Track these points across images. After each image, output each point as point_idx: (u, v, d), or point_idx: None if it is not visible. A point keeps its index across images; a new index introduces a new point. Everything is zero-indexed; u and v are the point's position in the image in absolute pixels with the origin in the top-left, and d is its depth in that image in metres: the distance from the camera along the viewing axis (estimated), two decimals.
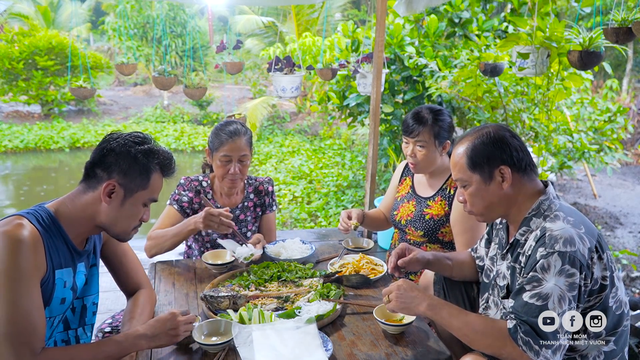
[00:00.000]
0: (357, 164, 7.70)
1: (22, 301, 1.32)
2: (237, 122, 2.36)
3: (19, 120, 11.80)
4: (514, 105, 4.03)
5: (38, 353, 1.32)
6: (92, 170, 1.51)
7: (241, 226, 2.46)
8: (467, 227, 2.24)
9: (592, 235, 1.48)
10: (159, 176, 1.56)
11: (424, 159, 2.32)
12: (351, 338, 1.65)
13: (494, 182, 1.59)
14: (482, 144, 1.60)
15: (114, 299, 3.10)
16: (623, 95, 9.12)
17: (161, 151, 1.57)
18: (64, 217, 1.50)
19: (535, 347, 1.37)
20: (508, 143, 1.59)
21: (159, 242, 2.20)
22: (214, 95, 13.20)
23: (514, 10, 4.82)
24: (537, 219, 1.55)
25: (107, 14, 14.65)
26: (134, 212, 1.55)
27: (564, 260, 1.40)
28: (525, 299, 1.42)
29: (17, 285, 1.32)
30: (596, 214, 5.78)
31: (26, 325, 1.32)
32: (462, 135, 1.70)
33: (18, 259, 1.33)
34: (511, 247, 1.63)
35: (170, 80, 3.95)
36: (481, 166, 1.59)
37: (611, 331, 1.52)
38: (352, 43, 5.07)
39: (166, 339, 1.50)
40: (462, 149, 1.64)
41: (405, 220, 2.42)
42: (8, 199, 7.31)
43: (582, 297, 1.44)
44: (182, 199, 2.35)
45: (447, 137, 2.34)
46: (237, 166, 2.28)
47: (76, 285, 1.57)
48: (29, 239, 1.37)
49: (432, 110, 2.33)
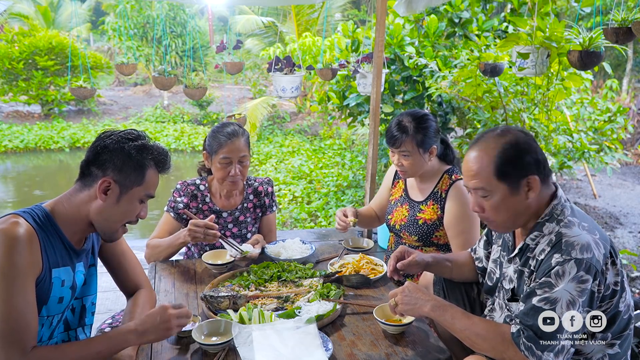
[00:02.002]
0: (357, 164, 7.70)
1: (16, 299, 1.32)
2: (233, 123, 2.35)
3: (19, 120, 11.80)
4: (513, 105, 4.03)
5: (28, 352, 1.32)
6: (87, 168, 1.51)
7: (241, 227, 2.45)
8: (461, 230, 2.23)
9: (606, 240, 1.47)
10: (154, 172, 1.56)
11: (410, 167, 2.30)
12: (351, 338, 1.65)
13: (521, 192, 1.49)
14: (512, 151, 1.47)
15: (113, 299, 3.10)
16: (623, 95, 9.12)
17: (155, 147, 1.57)
18: (61, 216, 1.50)
19: (537, 352, 1.36)
20: (535, 149, 1.49)
21: (154, 252, 2.25)
22: (214, 95, 13.20)
23: (514, 10, 4.82)
24: (550, 224, 1.51)
25: (107, 14, 14.65)
26: (130, 209, 1.54)
27: (580, 267, 1.37)
28: (533, 302, 1.41)
29: (11, 283, 1.32)
30: (596, 214, 5.78)
31: (18, 324, 1.32)
32: (477, 140, 1.57)
33: (13, 256, 1.33)
34: (520, 252, 1.59)
35: (170, 80, 3.95)
36: (510, 175, 1.48)
37: (617, 335, 1.51)
38: (352, 43, 5.07)
39: (157, 333, 1.46)
40: (483, 156, 1.50)
41: (399, 225, 2.42)
42: (8, 199, 7.31)
43: (595, 303, 1.43)
44: (177, 205, 2.33)
45: (433, 142, 2.29)
46: (237, 167, 2.27)
47: (76, 284, 1.56)
48: (25, 237, 1.37)
49: (414, 118, 2.26)
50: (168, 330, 1.47)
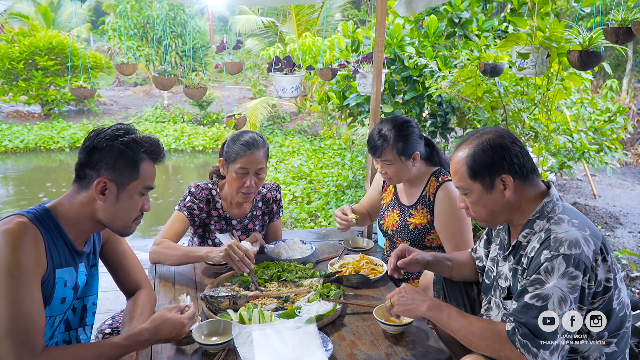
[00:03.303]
0: (357, 164, 7.70)
1: (24, 299, 1.32)
2: (254, 132, 2.30)
3: (19, 120, 11.80)
4: (513, 105, 4.03)
5: (39, 352, 1.32)
6: (81, 171, 1.51)
7: (249, 235, 2.43)
8: (454, 232, 2.23)
9: (597, 237, 1.47)
10: (148, 163, 1.55)
11: (394, 175, 2.28)
12: (351, 338, 1.65)
13: (496, 190, 1.56)
14: (482, 152, 1.55)
15: (114, 299, 3.10)
16: (623, 95, 9.12)
17: (145, 138, 1.55)
18: (63, 217, 1.50)
19: (533, 349, 1.37)
20: (508, 150, 1.54)
21: (165, 254, 2.12)
22: (214, 95, 13.21)
23: (514, 10, 4.81)
24: (540, 221, 1.54)
25: (107, 14, 14.66)
26: (132, 204, 1.54)
27: (569, 263, 1.38)
28: (525, 300, 1.42)
29: (19, 283, 1.32)
30: (596, 214, 5.78)
31: (27, 323, 1.32)
32: (461, 141, 1.66)
33: (20, 256, 1.33)
34: (513, 249, 1.62)
35: (170, 80, 3.95)
36: (482, 175, 1.56)
37: (613, 333, 1.51)
38: (352, 43, 5.06)
39: (170, 338, 1.52)
40: (462, 156, 1.60)
41: (391, 230, 2.41)
42: (8, 199, 7.31)
43: (586, 299, 1.43)
44: (193, 206, 2.30)
45: (415, 148, 2.25)
46: (253, 179, 2.22)
47: (78, 285, 1.57)
48: (30, 238, 1.37)
49: (395, 125, 2.23)
50: (181, 336, 1.54)
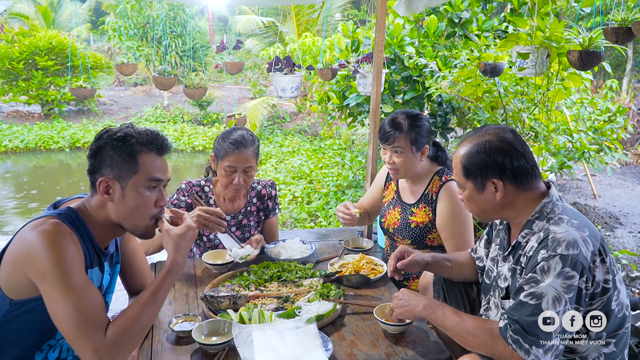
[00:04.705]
0: (357, 164, 7.70)
1: (81, 287, 1.35)
2: (244, 129, 2.30)
3: (19, 120, 11.80)
4: (513, 105, 4.03)
5: (105, 329, 1.35)
6: (91, 176, 1.52)
7: (244, 231, 2.44)
8: (455, 232, 2.23)
9: (596, 238, 1.47)
10: (147, 155, 1.51)
11: (402, 166, 2.27)
12: (351, 338, 1.65)
13: (487, 191, 1.58)
14: (476, 154, 1.57)
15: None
16: (623, 95, 9.12)
17: (138, 130, 1.54)
18: (88, 219, 1.52)
19: (525, 345, 1.37)
20: (506, 154, 1.54)
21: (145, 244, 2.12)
22: (214, 95, 13.21)
23: (514, 10, 4.81)
24: (540, 221, 1.54)
25: (107, 14, 14.65)
26: (141, 200, 1.51)
27: (565, 263, 1.38)
28: (520, 298, 1.42)
29: (71, 274, 1.34)
30: (596, 214, 5.78)
31: (90, 309, 1.34)
32: (465, 136, 1.67)
33: (66, 250, 1.36)
34: (513, 250, 1.62)
35: (170, 80, 3.95)
36: (474, 176, 1.58)
37: (612, 333, 1.51)
38: (352, 43, 5.06)
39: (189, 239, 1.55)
40: (460, 153, 1.62)
41: (392, 228, 2.41)
42: (8, 199, 7.31)
43: (584, 300, 1.43)
44: (179, 204, 2.32)
45: (426, 142, 2.28)
46: (241, 177, 2.23)
47: (103, 285, 1.60)
48: (68, 236, 1.39)
49: (408, 116, 2.26)
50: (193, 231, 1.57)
